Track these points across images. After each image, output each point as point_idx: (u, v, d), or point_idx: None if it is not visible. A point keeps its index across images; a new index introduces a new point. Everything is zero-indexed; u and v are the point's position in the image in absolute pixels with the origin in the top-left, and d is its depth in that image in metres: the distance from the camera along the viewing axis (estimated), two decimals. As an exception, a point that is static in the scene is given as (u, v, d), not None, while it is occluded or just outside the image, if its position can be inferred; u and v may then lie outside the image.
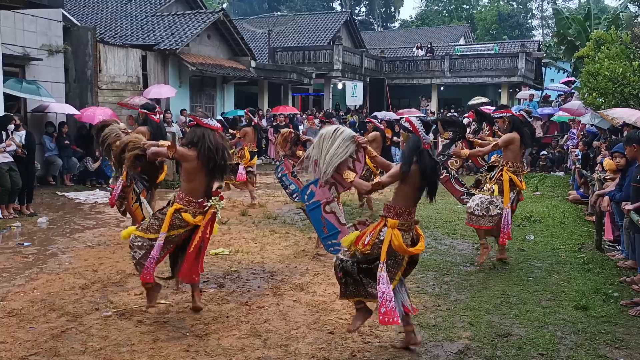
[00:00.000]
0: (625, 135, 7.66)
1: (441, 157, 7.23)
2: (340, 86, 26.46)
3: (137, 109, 14.36)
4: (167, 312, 5.03)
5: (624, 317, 5.03)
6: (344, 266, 4.23)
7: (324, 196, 4.91)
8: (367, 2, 55.76)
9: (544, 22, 52.85)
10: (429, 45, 30.77)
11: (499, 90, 27.88)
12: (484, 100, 21.25)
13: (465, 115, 19.47)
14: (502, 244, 6.57)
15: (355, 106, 25.07)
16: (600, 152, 9.89)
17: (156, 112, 7.47)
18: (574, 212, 10.06)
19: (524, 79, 26.12)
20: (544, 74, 30.73)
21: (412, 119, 4.27)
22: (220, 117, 17.96)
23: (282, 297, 5.44)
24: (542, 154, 16.49)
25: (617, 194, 6.50)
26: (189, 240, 4.83)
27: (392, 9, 55.60)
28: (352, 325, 4.40)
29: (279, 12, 45.40)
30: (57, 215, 9.42)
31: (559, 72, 27.84)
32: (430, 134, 4.26)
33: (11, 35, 11.31)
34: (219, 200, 4.84)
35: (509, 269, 6.53)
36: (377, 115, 18.03)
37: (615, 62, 10.48)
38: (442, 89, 28.51)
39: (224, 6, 38.17)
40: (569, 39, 20.22)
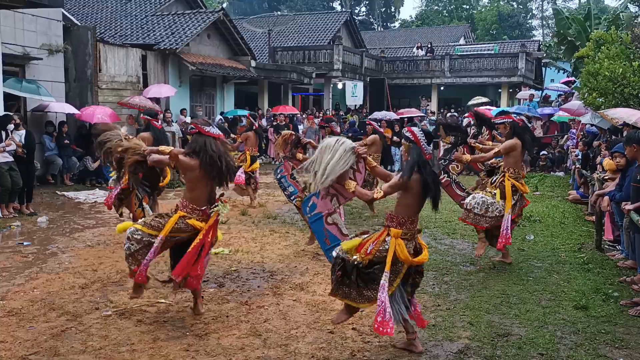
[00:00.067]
0: (625, 135, 7.66)
1: (442, 161, 7.24)
2: (340, 86, 26.47)
3: (137, 109, 14.51)
4: (167, 311, 5.04)
5: (624, 317, 5.04)
6: (344, 265, 4.24)
7: (326, 208, 4.93)
8: (367, 2, 55.76)
9: (544, 22, 52.86)
10: (429, 45, 30.77)
11: (499, 90, 27.89)
12: (484, 100, 21.27)
13: (465, 115, 19.52)
14: (499, 249, 6.59)
15: (355, 106, 25.08)
16: (600, 152, 9.89)
17: (158, 118, 7.47)
18: (573, 212, 10.06)
19: (524, 79, 26.12)
20: (544, 74, 30.74)
21: (414, 130, 4.30)
22: (220, 117, 17.96)
23: (282, 297, 5.44)
24: (542, 154, 16.48)
25: (617, 193, 6.50)
26: (191, 241, 4.82)
27: (392, 9, 55.61)
28: (336, 318, 4.44)
29: (279, 12, 45.42)
30: (56, 214, 9.42)
31: (559, 72, 27.85)
32: (431, 145, 4.29)
33: (11, 34, 11.31)
34: (224, 205, 4.86)
35: (509, 268, 6.54)
36: (377, 116, 18.19)
37: (615, 62, 10.48)
38: (442, 88, 28.52)
39: (224, 6, 38.16)
40: (569, 39, 20.23)
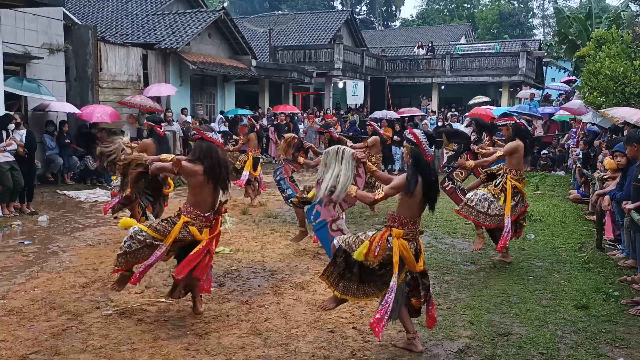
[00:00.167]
0: (625, 134, 7.65)
1: (446, 168, 7.24)
2: (341, 85, 26.46)
3: (138, 108, 14.52)
4: (168, 310, 5.04)
5: (625, 316, 5.03)
6: (346, 258, 4.24)
7: (329, 215, 4.93)
8: (368, 1, 55.73)
9: (545, 21, 52.86)
10: (429, 44, 30.74)
11: (500, 89, 27.87)
12: (485, 99, 21.28)
13: (466, 115, 19.52)
14: (498, 250, 6.61)
15: (356, 105, 25.08)
16: (600, 151, 9.88)
17: (162, 124, 7.50)
18: (574, 211, 10.06)
19: (524, 78, 26.10)
20: (545, 73, 30.74)
21: (416, 131, 4.30)
22: (220, 116, 17.96)
23: (283, 296, 5.45)
24: (542, 153, 16.47)
25: (618, 193, 6.50)
26: (195, 244, 4.83)
27: (393, 8, 55.58)
28: (326, 302, 4.46)
29: (280, 11, 45.45)
30: (57, 213, 9.42)
31: (559, 71, 27.83)
32: (433, 146, 4.28)
33: (12, 33, 11.31)
34: (228, 219, 4.92)
35: (509, 268, 6.53)
36: (377, 115, 18.18)
37: (616, 61, 10.47)
38: (442, 88, 28.50)
39: (225, 5, 38.16)
40: (570, 38, 20.19)
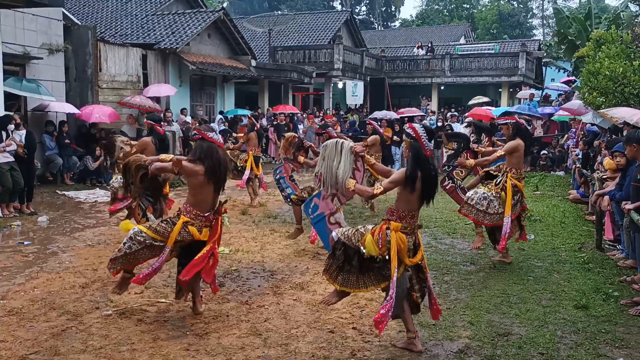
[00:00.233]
0: (625, 134, 7.66)
1: (446, 167, 7.25)
2: (340, 85, 26.47)
3: (137, 108, 14.51)
4: (167, 311, 5.04)
5: (624, 317, 5.03)
6: (345, 250, 4.24)
7: (328, 208, 4.93)
8: (367, 2, 55.74)
9: (545, 22, 52.86)
10: (429, 44, 30.75)
11: (500, 89, 27.88)
12: (485, 99, 21.30)
13: (465, 115, 19.52)
14: (500, 250, 6.63)
15: (355, 105, 25.09)
16: (600, 152, 9.89)
17: (162, 123, 7.49)
18: (574, 211, 10.06)
19: (524, 78, 26.11)
20: (544, 73, 30.73)
21: (415, 126, 4.29)
22: (220, 117, 17.95)
23: (283, 296, 5.45)
24: (542, 153, 16.48)
25: (618, 193, 6.50)
26: (194, 248, 4.82)
27: (393, 8, 55.60)
28: (328, 298, 4.46)
29: (280, 11, 45.44)
30: (57, 214, 9.42)
31: (559, 71, 27.82)
32: (432, 141, 4.27)
33: (11, 34, 11.30)
34: (227, 218, 4.92)
35: (509, 268, 6.53)
36: (377, 115, 18.18)
37: (615, 61, 10.48)
38: (442, 88, 28.51)
39: (224, 5, 38.17)
40: (570, 38, 20.21)
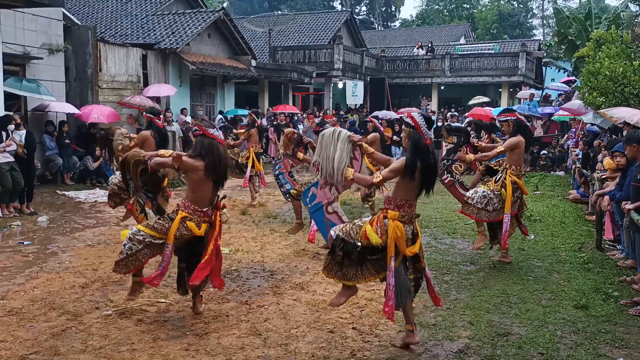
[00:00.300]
0: (625, 134, 7.66)
1: (445, 161, 7.23)
2: (340, 85, 26.46)
3: (137, 108, 14.50)
4: (167, 311, 5.04)
5: (624, 317, 5.03)
6: (344, 247, 4.22)
7: (325, 197, 4.91)
8: (367, 2, 55.74)
9: (545, 22, 52.86)
10: (429, 44, 30.75)
11: (500, 89, 27.88)
12: (485, 99, 21.30)
13: (465, 114, 19.53)
14: (503, 248, 6.63)
15: (355, 105, 25.08)
16: (600, 152, 9.89)
17: (161, 117, 7.46)
18: (574, 211, 10.06)
19: (524, 78, 26.11)
20: (544, 73, 30.72)
21: (414, 115, 4.26)
22: (220, 116, 17.95)
23: (282, 296, 5.44)
24: (542, 153, 16.49)
25: (617, 193, 6.50)
26: (194, 246, 4.82)
27: (393, 8, 55.59)
28: (335, 299, 4.43)
29: (280, 11, 45.43)
30: (57, 214, 9.42)
31: (559, 71, 27.82)
32: (431, 130, 4.24)
33: (11, 34, 11.30)
34: (224, 212, 4.90)
35: (509, 268, 6.53)
36: (377, 114, 18.18)
37: (615, 61, 10.47)
38: (442, 88, 28.51)
39: (225, 5, 38.17)
40: (570, 38, 20.21)
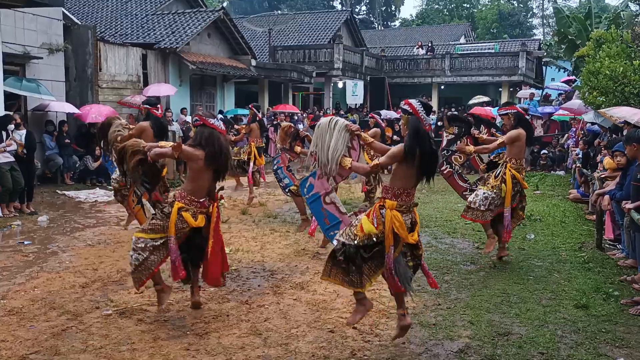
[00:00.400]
0: (625, 134, 7.65)
1: (445, 152, 7.20)
2: (340, 85, 26.46)
3: (137, 108, 14.47)
4: (168, 310, 5.03)
5: (625, 316, 5.03)
6: (345, 251, 4.14)
7: (323, 187, 4.89)
8: (367, 1, 55.72)
9: (545, 21, 52.86)
10: (429, 44, 30.74)
11: (500, 89, 27.89)
12: (485, 99, 21.28)
13: (465, 114, 19.50)
14: (504, 241, 6.60)
15: (355, 105, 25.07)
16: (600, 151, 9.89)
17: (158, 107, 7.38)
18: (574, 211, 10.05)
19: (524, 77, 26.10)
20: (544, 72, 30.73)
21: (412, 101, 4.18)
22: (220, 116, 17.92)
23: (283, 296, 5.44)
24: (542, 152, 16.49)
25: (618, 192, 6.50)
26: (192, 242, 4.80)
27: (393, 8, 55.57)
28: (351, 318, 4.35)
29: (280, 11, 45.45)
30: (57, 213, 9.42)
31: (559, 71, 27.83)
32: (429, 116, 4.19)
33: (11, 33, 11.30)
34: (222, 203, 4.86)
35: (509, 267, 6.53)
36: (379, 112, 18.16)
37: (615, 61, 10.47)
38: (442, 87, 28.51)
39: (224, 5, 38.12)
40: (570, 37, 20.20)
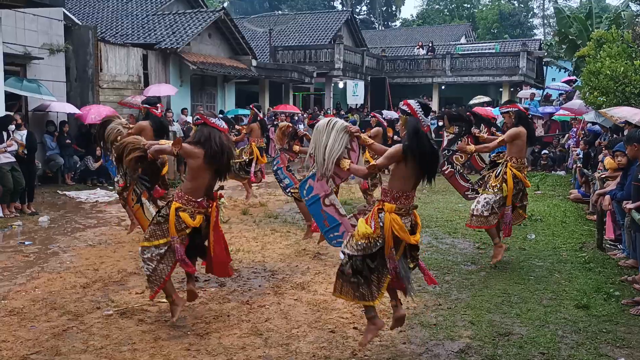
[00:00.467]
0: (626, 134, 7.65)
1: (446, 151, 7.19)
2: (341, 85, 26.46)
3: (138, 108, 14.47)
4: (168, 311, 5.03)
5: (625, 316, 5.03)
6: (353, 263, 4.05)
7: (322, 189, 4.88)
8: (368, 1, 55.73)
9: (545, 21, 52.86)
10: (430, 44, 30.73)
11: (500, 89, 27.88)
12: (486, 99, 21.26)
13: (466, 112, 19.50)
14: (506, 236, 6.61)
15: (356, 105, 25.08)
16: (601, 151, 9.88)
17: (158, 106, 7.36)
18: (575, 211, 10.05)
19: (525, 78, 26.09)
20: (545, 73, 30.70)
21: (410, 102, 4.16)
22: (220, 116, 17.90)
23: (283, 296, 5.44)
24: (543, 153, 16.49)
25: (618, 192, 6.50)
26: (194, 242, 4.80)
27: (393, 8, 55.58)
28: (364, 338, 4.17)
29: (280, 11, 45.45)
30: (58, 214, 9.42)
31: (560, 71, 27.80)
32: (428, 117, 4.16)
33: (12, 34, 11.30)
34: (222, 201, 4.85)
35: (510, 268, 6.53)
36: (382, 111, 18.15)
37: (616, 61, 10.46)
38: (443, 88, 28.51)
39: (225, 5, 38.17)
40: (570, 37, 20.18)
